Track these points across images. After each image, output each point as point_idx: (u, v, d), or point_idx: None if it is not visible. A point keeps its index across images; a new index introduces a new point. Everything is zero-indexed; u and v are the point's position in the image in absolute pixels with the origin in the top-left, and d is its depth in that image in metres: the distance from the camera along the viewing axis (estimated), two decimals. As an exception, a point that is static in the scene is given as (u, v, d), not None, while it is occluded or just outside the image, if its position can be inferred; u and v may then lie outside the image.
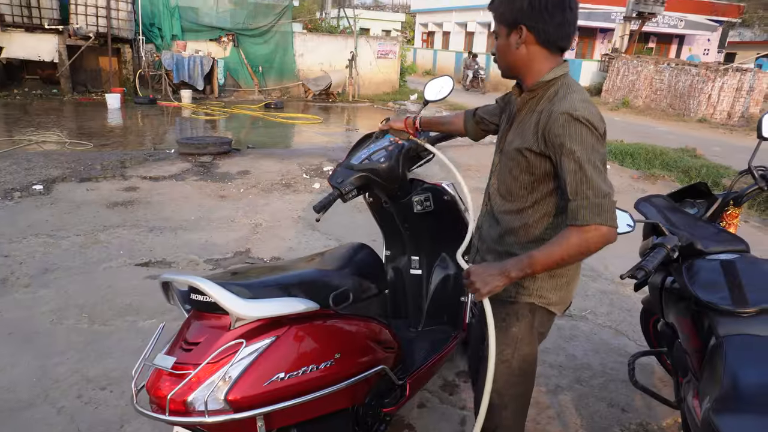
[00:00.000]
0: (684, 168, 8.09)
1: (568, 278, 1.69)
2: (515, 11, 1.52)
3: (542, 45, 1.54)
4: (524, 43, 1.54)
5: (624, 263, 4.41)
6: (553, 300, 1.69)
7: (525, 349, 1.72)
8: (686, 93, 16.36)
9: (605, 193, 1.45)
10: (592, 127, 1.46)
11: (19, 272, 3.77)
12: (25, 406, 2.47)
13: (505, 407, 1.75)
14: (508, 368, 1.71)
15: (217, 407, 1.50)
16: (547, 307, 1.69)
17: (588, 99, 1.53)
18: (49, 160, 6.84)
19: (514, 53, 1.57)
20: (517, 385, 1.75)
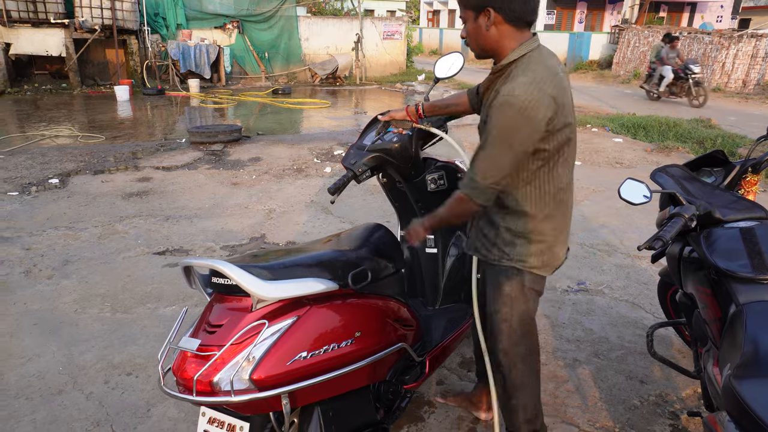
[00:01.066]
0: (699, 139, 7.97)
1: (547, 244, 1.78)
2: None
3: (510, 23, 1.59)
4: (493, 24, 1.59)
5: (640, 236, 4.42)
6: (535, 264, 1.79)
7: (521, 307, 1.84)
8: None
9: (487, 176, 1.60)
10: (520, 113, 1.51)
11: (41, 264, 3.85)
12: (56, 393, 2.54)
13: (515, 366, 1.89)
14: (509, 327, 1.85)
15: (243, 387, 1.53)
16: (532, 271, 1.80)
17: (535, 82, 1.54)
18: (63, 153, 6.93)
19: (485, 35, 1.62)
20: (519, 343, 1.87)
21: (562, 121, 1.59)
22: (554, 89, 1.56)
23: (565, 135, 1.63)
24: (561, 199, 1.76)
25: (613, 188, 5.71)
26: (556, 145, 1.63)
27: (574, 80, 18.23)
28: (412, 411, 2.45)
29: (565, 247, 1.87)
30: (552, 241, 1.79)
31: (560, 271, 3.85)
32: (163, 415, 2.41)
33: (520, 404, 1.94)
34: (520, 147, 1.56)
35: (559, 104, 1.57)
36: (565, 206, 1.80)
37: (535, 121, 1.53)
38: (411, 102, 12.41)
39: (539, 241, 1.76)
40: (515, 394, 1.93)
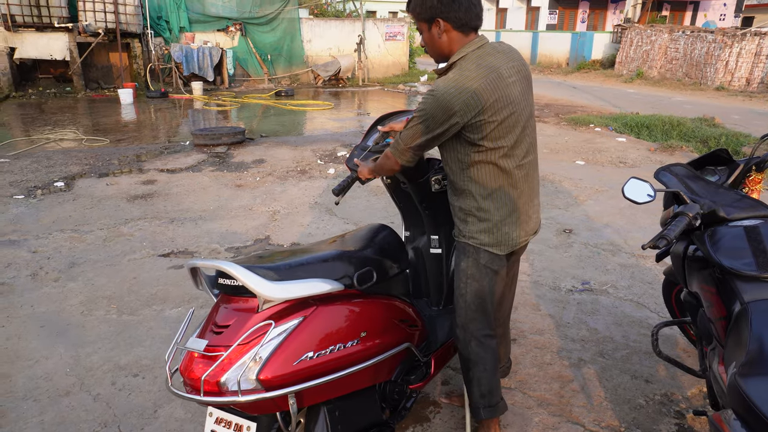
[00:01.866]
0: (702, 137, 7.95)
1: (493, 222, 1.92)
2: (428, 9, 1.79)
3: (457, 30, 1.80)
4: (444, 32, 1.81)
5: (644, 236, 4.41)
6: (485, 241, 1.94)
7: (475, 284, 1.98)
8: (703, 61, 15.99)
9: (406, 142, 1.86)
10: (436, 101, 1.73)
11: (47, 267, 3.87)
12: (63, 394, 2.56)
13: (470, 342, 2.03)
14: (464, 302, 2.00)
15: (250, 387, 1.54)
16: (484, 248, 1.94)
17: (462, 77, 1.74)
18: (68, 157, 6.96)
19: (439, 42, 1.84)
20: (474, 320, 2.01)
21: (484, 116, 1.75)
22: (481, 85, 1.73)
23: (497, 126, 1.78)
24: (503, 182, 1.88)
25: (616, 188, 5.71)
26: (489, 135, 1.78)
27: (576, 80, 18.22)
28: (417, 411, 2.46)
29: (519, 230, 1.96)
30: (498, 220, 1.91)
31: (564, 270, 3.86)
32: (170, 415, 2.42)
33: (475, 378, 2.07)
34: (433, 130, 1.78)
35: (484, 99, 1.73)
36: (512, 190, 1.90)
37: (449, 112, 1.73)
38: (413, 104, 12.43)
39: (485, 219, 1.91)
40: (471, 368, 2.07)
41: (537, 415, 2.45)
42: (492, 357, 2.06)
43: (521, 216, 1.96)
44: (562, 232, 4.62)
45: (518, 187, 1.92)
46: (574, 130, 8.92)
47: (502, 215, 1.92)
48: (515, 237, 1.96)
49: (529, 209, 1.99)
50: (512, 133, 1.83)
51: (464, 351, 2.07)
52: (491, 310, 2.03)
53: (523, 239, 2.00)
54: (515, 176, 1.90)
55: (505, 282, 2.17)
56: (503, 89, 1.78)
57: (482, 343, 2.03)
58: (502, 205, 1.91)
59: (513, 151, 1.86)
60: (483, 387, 2.06)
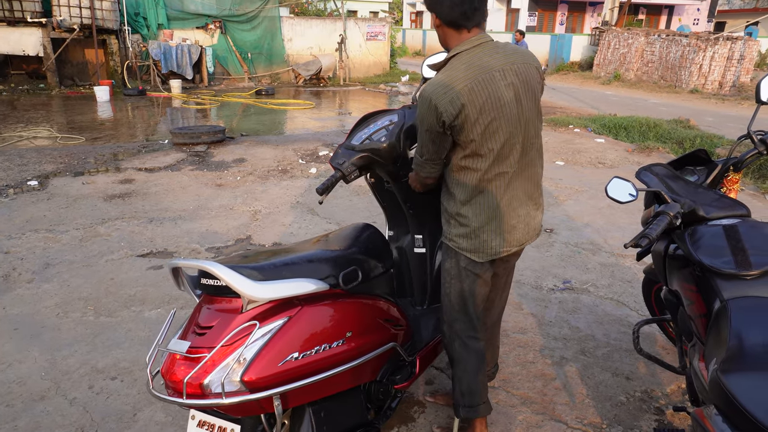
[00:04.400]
0: (678, 139, 8.12)
1: (471, 228, 1.92)
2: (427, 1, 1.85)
3: (448, 26, 1.81)
4: (437, 25, 1.84)
5: (623, 235, 4.48)
6: (463, 246, 1.95)
7: (457, 285, 2.00)
8: (677, 64, 16.34)
9: (420, 154, 1.94)
10: (426, 104, 1.77)
11: (20, 268, 3.77)
12: (38, 399, 2.49)
13: (453, 341, 2.06)
14: (448, 302, 2.03)
15: (234, 389, 1.51)
16: (463, 253, 1.96)
17: (448, 78, 1.75)
18: (42, 155, 6.79)
19: (440, 34, 1.87)
20: (458, 320, 2.04)
21: (470, 118, 1.75)
22: (467, 86, 1.73)
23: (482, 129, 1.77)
24: (484, 190, 1.88)
25: (596, 188, 5.79)
26: (472, 138, 1.78)
27: (555, 81, 18.45)
28: (402, 411, 2.45)
29: (500, 239, 1.94)
30: (476, 226, 1.91)
31: (546, 269, 3.89)
32: (150, 419, 2.37)
33: (457, 376, 2.09)
34: (431, 131, 1.80)
35: (468, 101, 1.73)
36: (491, 198, 1.89)
37: (437, 113, 1.75)
38: (394, 104, 12.44)
39: (463, 225, 1.92)
40: (454, 366, 2.09)
41: (520, 413, 2.47)
42: (475, 358, 2.06)
43: (503, 225, 1.92)
44: (543, 231, 4.66)
45: (499, 195, 1.89)
46: (554, 131, 9.02)
47: (480, 222, 1.91)
48: (495, 246, 1.93)
49: (513, 219, 1.94)
50: (496, 138, 1.79)
51: (449, 349, 2.09)
52: (474, 311, 2.03)
53: (506, 249, 1.96)
54: (496, 184, 1.87)
55: (494, 288, 2.15)
56: (493, 92, 1.75)
57: (465, 344, 2.04)
58: (480, 213, 1.90)
59: (498, 157, 1.82)
60: (463, 386, 2.07)
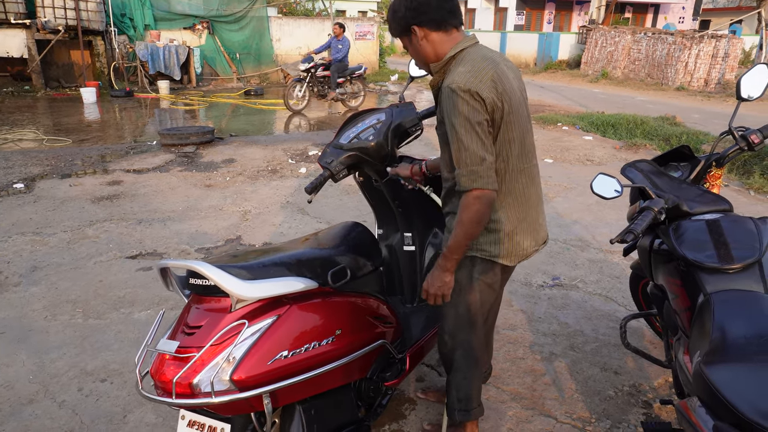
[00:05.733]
0: (664, 136, 8.20)
1: (504, 232, 1.82)
2: (402, 20, 1.74)
3: (437, 30, 1.73)
4: (423, 38, 1.74)
5: (611, 231, 4.52)
6: (494, 252, 1.84)
7: (468, 297, 1.91)
8: (664, 62, 16.50)
9: (481, 159, 1.63)
10: (467, 96, 1.61)
11: (7, 271, 3.73)
12: (26, 402, 2.47)
13: (455, 349, 2.01)
14: (455, 313, 1.95)
15: (223, 388, 1.52)
16: (492, 259, 1.85)
17: (473, 69, 1.65)
18: (28, 157, 6.72)
19: (423, 49, 1.77)
20: (463, 330, 1.98)
21: (504, 108, 1.67)
22: (494, 74, 1.66)
23: (508, 126, 1.71)
24: (514, 189, 1.81)
25: (584, 185, 5.84)
26: (501, 136, 1.71)
27: (544, 79, 18.56)
28: (393, 408, 2.46)
29: (530, 239, 1.89)
30: (509, 229, 1.82)
31: (535, 266, 3.92)
32: (140, 420, 2.36)
33: (455, 383, 2.07)
34: (481, 123, 1.63)
35: (499, 90, 1.65)
36: (520, 196, 1.83)
37: (482, 101, 1.62)
38: (384, 102, 12.45)
39: (495, 230, 1.82)
40: (452, 373, 2.07)
41: (510, 408, 2.49)
42: (474, 366, 2.05)
43: (533, 224, 1.89)
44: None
45: (526, 192, 1.84)
46: (543, 129, 9.07)
47: (513, 225, 1.82)
48: (526, 246, 1.88)
49: (539, 216, 1.91)
50: (517, 132, 1.74)
51: (448, 356, 2.04)
52: (481, 322, 1.99)
53: (533, 249, 1.91)
54: (523, 181, 1.82)
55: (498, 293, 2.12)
56: (509, 85, 1.71)
57: (467, 353, 2.01)
58: (512, 214, 1.81)
59: (520, 152, 1.78)
60: (461, 392, 2.07)
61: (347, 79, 10.92)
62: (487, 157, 1.63)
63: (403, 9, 1.71)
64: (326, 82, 10.83)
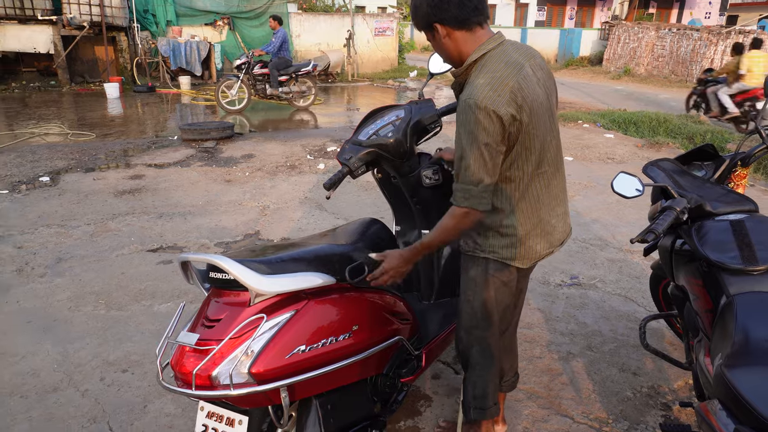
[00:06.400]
0: (688, 134, 8.05)
1: (518, 237, 1.83)
2: (424, 17, 1.69)
3: (460, 29, 1.67)
4: (446, 35, 1.69)
5: (631, 231, 4.46)
6: (507, 255, 1.85)
7: (483, 293, 1.91)
8: (688, 58, 16.17)
9: (478, 181, 1.63)
10: (482, 114, 1.57)
11: (33, 262, 3.82)
12: (50, 390, 2.54)
13: (471, 346, 2.00)
14: (471, 309, 1.95)
15: (242, 380, 1.54)
16: (504, 261, 1.86)
17: (493, 81, 1.60)
18: (53, 151, 6.87)
19: (446, 46, 1.72)
20: (479, 327, 1.97)
21: (523, 120, 1.63)
22: (514, 84, 1.61)
23: (525, 137, 1.67)
24: (529, 195, 1.79)
25: (604, 183, 5.76)
26: (518, 147, 1.67)
27: (564, 76, 18.34)
28: (409, 404, 2.47)
29: (545, 242, 1.87)
30: (523, 234, 1.82)
31: (553, 265, 3.89)
32: (160, 411, 2.41)
33: (471, 380, 2.05)
34: (490, 144, 1.60)
35: (518, 103, 1.61)
36: (535, 201, 1.81)
37: (497, 120, 1.58)
38: (403, 99, 12.42)
39: (509, 235, 1.81)
40: (469, 370, 2.05)
41: (527, 407, 2.48)
42: (490, 363, 2.04)
43: (546, 227, 1.87)
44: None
45: (542, 197, 1.83)
46: (563, 126, 8.98)
47: (526, 230, 1.82)
48: (539, 250, 1.88)
49: (552, 218, 1.88)
50: (538, 138, 1.71)
51: (465, 354, 2.04)
52: (497, 319, 1.98)
53: (547, 251, 1.91)
54: (539, 186, 1.80)
55: (515, 293, 2.08)
56: (532, 89, 1.67)
57: (483, 350, 2.00)
58: (526, 220, 1.81)
59: (539, 157, 1.75)
60: (477, 390, 2.05)
61: (292, 77, 10.23)
62: (485, 179, 1.63)
63: (425, 5, 1.66)
64: (266, 80, 10.16)
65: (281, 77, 10.08)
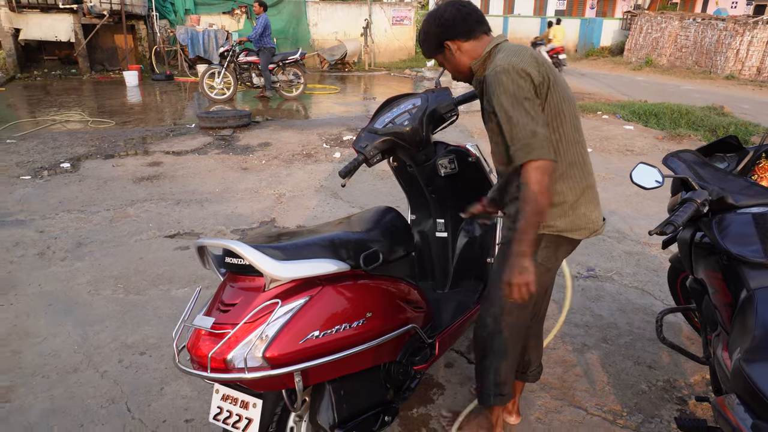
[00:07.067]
0: (711, 126, 7.89)
1: (569, 204, 1.82)
2: (435, 39, 1.85)
3: (469, 40, 1.83)
4: (457, 50, 1.84)
5: (650, 223, 4.40)
6: (562, 226, 1.83)
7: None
8: (713, 49, 15.80)
9: (532, 132, 1.64)
10: (513, 73, 1.66)
11: (54, 246, 3.90)
12: (71, 371, 2.60)
13: (499, 332, 1.96)
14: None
15: (256, 364, 1.55)
16: (561, 234, 1.84)
17: (513, 53, 1.72)
18: (74, 138, 6.97)
19: (459, 60, 1.86)
20: (512, 314, 1.93)
21: (550, 80, 1.73)
22: (531, 54, 1.74)
23: (555, 98, 1.75)
24: (573, 160, 1.82)
25: (623, 175, 5.68)
26: (550, 109, 1.74)
27: (585, 67, 18.07)
28: (421, 392, 2.48)
29: (595, 209, 1.89)
30: (573, 200, 1.82)
31: (570, 257, 3.82)
32: (177, 393, 2.45)
33: (493, 367, 2.01)
34: (530, 98, 1.67)
35: (541, 65, 1.71)
36: (580, 165, 1.84)
37: (527, 76, 1.67)
38: (420, 88, 12.35)
39: (560, 203, 1.81)
40: (492, 357, 2.00)
41: (540, 398, 2.47)
42: (516, 350, 2.03)
43: (595, 195, 1.88)
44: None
45: (586, 161, 1.86)
46: (582, 117, 8.80)
47: (576, 195, 1.82)
48: (594, 218, 1.86)
49: (596, 188, 1.91)
50: (567, 102, 1.78)
51: (490, 340, 1.99)
52: (531, 305, 1.96)
53: (601, 222, 1.91)
54: (580, 150, 1.83)
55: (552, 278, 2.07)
56: (548, 64, 1.79)
57: (512, 336, 1.98)
58: (575, 184, 1.81)
59: (573, 124, 1.81)
60: (499, 377, 2.02)
61: (278, 66, 9.90)
62: (538, 130, 1.64)
63: (434, 27, 1.82)
64: (251, 69, 9.82)
65: (269, 66, 9.74)
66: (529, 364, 2.22)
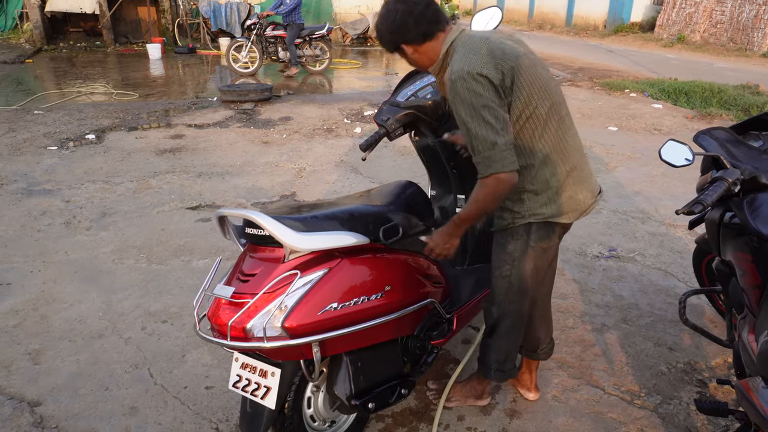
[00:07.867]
0: (744, 106, 7.61)
1: (554, 190, 1.80)
2: (391, 42, 1.79)
3: (424, 42, 1.75)
4: (414, 52, 1.79)
5: (676, 204, 4.30)
6: (549, 213, 1.82)
7: (522, 267, 1.90)
8: (750, 25, 15.16)
9: (492, 144, 1.60)
10: (468, 79, 1.60)
11: (80, 216, 3.98)
12: (96, 337, 2.67)
13: (503, 318, 2.01)
14: (507, 283, 1.94)
15: (275, 334, 1.57)
16: (548, 220, 1.83)
17: (469, 52, 1.65)
18: (99, 110, 7.06)
19: (418, 60, 1.82)
20: (514, 301, 1.97)
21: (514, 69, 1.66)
22: (488, 46, 1.66)
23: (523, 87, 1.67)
24: (553, 145, 1.77)
25: (649, 155, 5.55)
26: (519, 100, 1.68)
27: (612, 43, 17.54)
28: (438, 367, 2.49)
29: (585, 190, 1.86)
30: (558, 185, 1.80)
31: (592, 236, 3.80)
32: (197, 360, 2.50)
33: (495, 346, 2.08)
34: (489, 106, 1.61)
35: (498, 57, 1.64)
36: (560, 148, 1.79)
37: (486, 81, 1.61)
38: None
39: (544, 190, 1.79)
40: (494, 338, 2.07)
41: (557, 376, 2.47)
42: (518, 333, 2.07)
43: (581, 174, 1.84)
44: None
45: (567, 138, 1.81)
46: (608, 95, 8.63)
47: (561, 178, 1.79)
48: (582, 199, 1.85)
49: (585, 165, 1.87)
50: (538, 80, 1.71)
51: (494, 325, 2.05)
52: (532, 290, 1.98)
53: (590, 201, 1.88)
54: (560, 127, 1.78)
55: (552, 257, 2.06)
56: (508, 45, 1.72)
57: (514, 322, 2.02)
58: (556, 167, 1.78)
59: (551, 102, 1.74)
60: (500, 355, 2.09)
61: (305, 41, 9.78)
62: (498, 140, 1.60)
63: (386, 32, 1.76)
64: (278, 43, 9.75)
65: (295, 40, 9.66)
66: (539, 342, 2.22)
